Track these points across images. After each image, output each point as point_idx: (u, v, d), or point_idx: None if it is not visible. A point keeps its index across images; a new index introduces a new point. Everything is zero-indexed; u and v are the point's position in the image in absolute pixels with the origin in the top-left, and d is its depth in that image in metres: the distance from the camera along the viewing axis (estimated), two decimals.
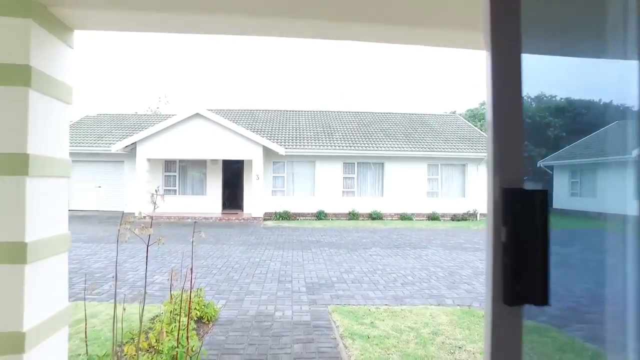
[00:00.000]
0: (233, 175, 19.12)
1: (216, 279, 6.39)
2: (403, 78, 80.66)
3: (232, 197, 19.28)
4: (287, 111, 22.09)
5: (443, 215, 17.95)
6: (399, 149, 17.75)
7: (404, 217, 17.62)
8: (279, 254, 8.85)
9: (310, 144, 17.60)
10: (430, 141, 18.75)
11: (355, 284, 6.28)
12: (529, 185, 0.89)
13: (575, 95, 1.43)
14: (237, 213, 17.00)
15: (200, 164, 17.43)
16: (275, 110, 22.06)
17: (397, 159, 18.02)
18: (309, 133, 18.85)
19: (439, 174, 18.47)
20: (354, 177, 18.07)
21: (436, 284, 6.40)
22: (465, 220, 17.68)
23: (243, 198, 17.61)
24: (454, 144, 18.55)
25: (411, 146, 18.05)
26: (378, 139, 18.54)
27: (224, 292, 5.71)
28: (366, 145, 17.80)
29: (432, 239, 11.62)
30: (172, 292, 3.76)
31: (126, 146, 14.99)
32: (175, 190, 17.23)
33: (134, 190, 15.49)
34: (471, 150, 18.09)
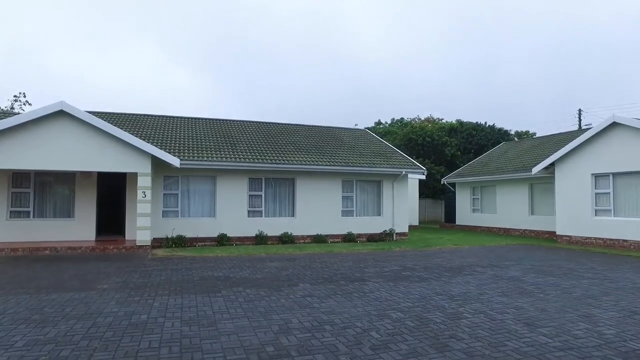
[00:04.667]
0: (112, 193, 15.54)
1: None
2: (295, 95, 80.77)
3: (111, 220, 15.63)
4: (181, 118, 19.05)
5: (359, 236, 16.55)
6: (311, 162, 16.00)
7: (318, 239, 15.81)
8: (176, 303, 6.24)
9: (209, 155, 14.94)
10: (344, 155, 17.39)
11: (306, 357, 4.09)
12: None
13: None
14: (116, 240, 13.53)
15: (67, 178, 13.65)
16: (167, 117, 18.86)
17: (310, 174, 16.25)
18: (208, 143, 16.16)
19: (353, 190, 17.14)
20: (261, 195, 15.82)
21: (416, 343, 4.52)
22: (383, 240, 16.49)
23: (125, 221, 14.17)
24: (368, 159, 17.43)
25: (324, 160, 16.45)
26: (287, 152, 16.60)
27: None
28: (275, 158, 15.73)
29: (362, 267, 9.90)
30: None
31: None
32: (28, 213, 13.15)
33: None
34: (386, 166, 17.12)
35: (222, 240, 14.50)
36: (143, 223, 12.52)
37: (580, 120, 40.78)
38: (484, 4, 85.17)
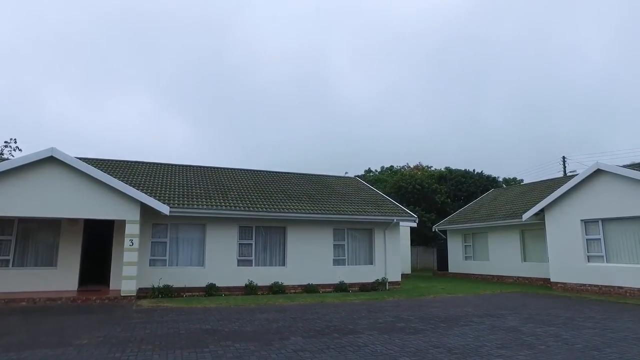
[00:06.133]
0: (98, 241, 15.12)
1: None
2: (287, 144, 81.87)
3: (96, 268, 15.12)
4: (172, 165, 19.03)
5: (351, 285, 16.14)
6: (302, 210, 15.89)
7: (309, 289, 15.38)
8: (160, 359, 5.88)
9: (199, 203, 14.79)
10: (336, 203, 17.34)
11: None
12: None
13: None
14: (100, 290, 13.01)
15: (52, 225, 13.30)
16: (157, 164, 18.82)
17: (301, 223, 16.08)
18: (198, 191, 16.05)
19: (345, 239, 16.92)
20: (251, 243, 15.53)
21: None
22: (376, 290, 16.09)
23: (110, 270, 13.68)
24: (360, 207, 17.38)
25: (315, 208, 16.36)
26: (278, 200, 16.51)
27: None
28: (265, 206, 15.60)
29: (356, 319, 9.55)
30: None
31: None
32: (7, 261, 12.67)
33: None
34: (378, 214, 17.05)
35: (211, 290, 14.02)
36: (129, 272, 12.11)
37: (564, 167, 41.61)
38: (463, 57, 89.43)
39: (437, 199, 30.53)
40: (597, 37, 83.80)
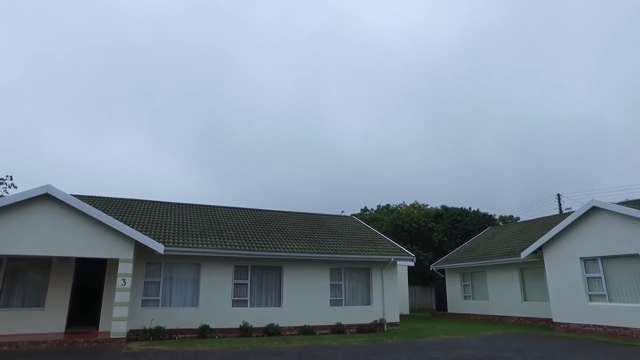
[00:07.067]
0: (90, 280, 14.76)
1: None
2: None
3: (86, 309, 14.68)
4: (168, 203, 18.91)
5: (349, 327, 15.68)
6: (299, 250, 15.67)
7: (305, 330, 14.92)
8: None
9: (195, 241, 14.58)
10: (332, 242, 17.14)
11: None
12: None
13: None
14: (88, 332, 12.51)
15: (43, 264, 12.96)
16: (153, 202, 18.71)
17: (297, 262, 15.82)
18: (193, 229, 15.87)
19: (342, 279, 16.61)
20: (247, 283, 15.19)
21: None
22: (374, 331, 15.62)
23: (101, 311, 13.22)
24: (356, 246, 17.18)
25: (312, 247, 16.15)
26: (275, 239, 16.33)
27: None
28: (262, 245, 15.40)
29: None
30: None
31: None
32: None
33: None
34: (375, 253, 16.84)
35: (204, 332, 13.56)
36: (120, 313, 11.72)
37: (560, 204, 41.73)
38: (456, 98, 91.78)
39: (434, 238, 30.34)
40: (582, 78, 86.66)
